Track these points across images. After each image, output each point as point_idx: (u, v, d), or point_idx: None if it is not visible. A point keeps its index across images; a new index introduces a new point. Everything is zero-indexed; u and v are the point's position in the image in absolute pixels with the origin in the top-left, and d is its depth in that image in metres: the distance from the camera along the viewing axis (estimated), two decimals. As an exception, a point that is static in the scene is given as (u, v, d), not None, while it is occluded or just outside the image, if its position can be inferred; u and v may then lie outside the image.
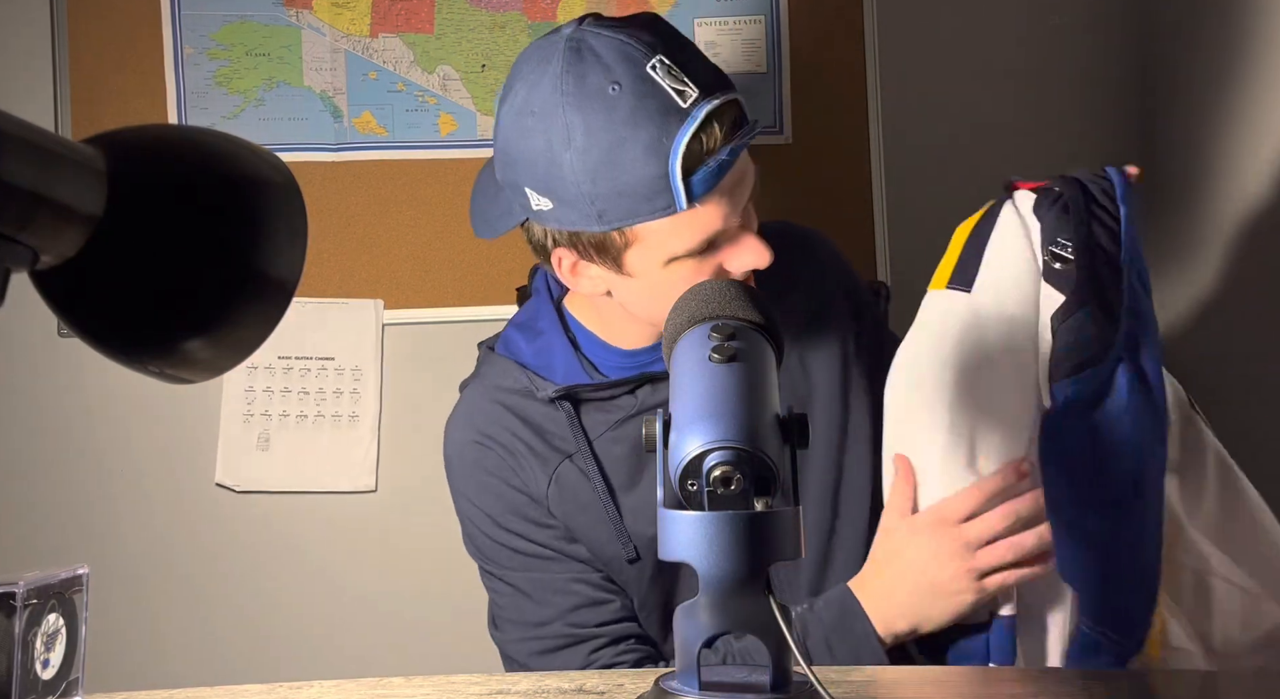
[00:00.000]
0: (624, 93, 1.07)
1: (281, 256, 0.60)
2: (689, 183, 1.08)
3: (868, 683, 1.00)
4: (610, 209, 1.10)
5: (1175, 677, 1.06)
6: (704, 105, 1.08)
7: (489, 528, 1.28)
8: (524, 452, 1.26)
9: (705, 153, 1.08)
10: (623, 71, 1.08)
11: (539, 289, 1.35)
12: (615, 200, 1.09)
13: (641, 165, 1.07)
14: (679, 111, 1.07)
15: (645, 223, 1.10)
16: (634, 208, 1.09)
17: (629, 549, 1.24)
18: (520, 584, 1.27)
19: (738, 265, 1.15)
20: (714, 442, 0.75)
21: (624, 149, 1.07)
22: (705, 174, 1.08)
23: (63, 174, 0.52)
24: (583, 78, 1.09)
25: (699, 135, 1.08)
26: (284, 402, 1.87)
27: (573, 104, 1.08)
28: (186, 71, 1.86)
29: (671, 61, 1.09)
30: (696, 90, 1.08)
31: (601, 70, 1.08)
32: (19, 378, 1.86)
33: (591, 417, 1.26)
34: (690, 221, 1.11)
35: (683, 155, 1.07)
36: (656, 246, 1.12)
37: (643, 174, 1.07)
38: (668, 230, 1.11)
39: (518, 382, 1.28)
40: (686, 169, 1.07)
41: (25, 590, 0.84)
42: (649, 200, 1.09)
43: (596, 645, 1.24)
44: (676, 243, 1.12)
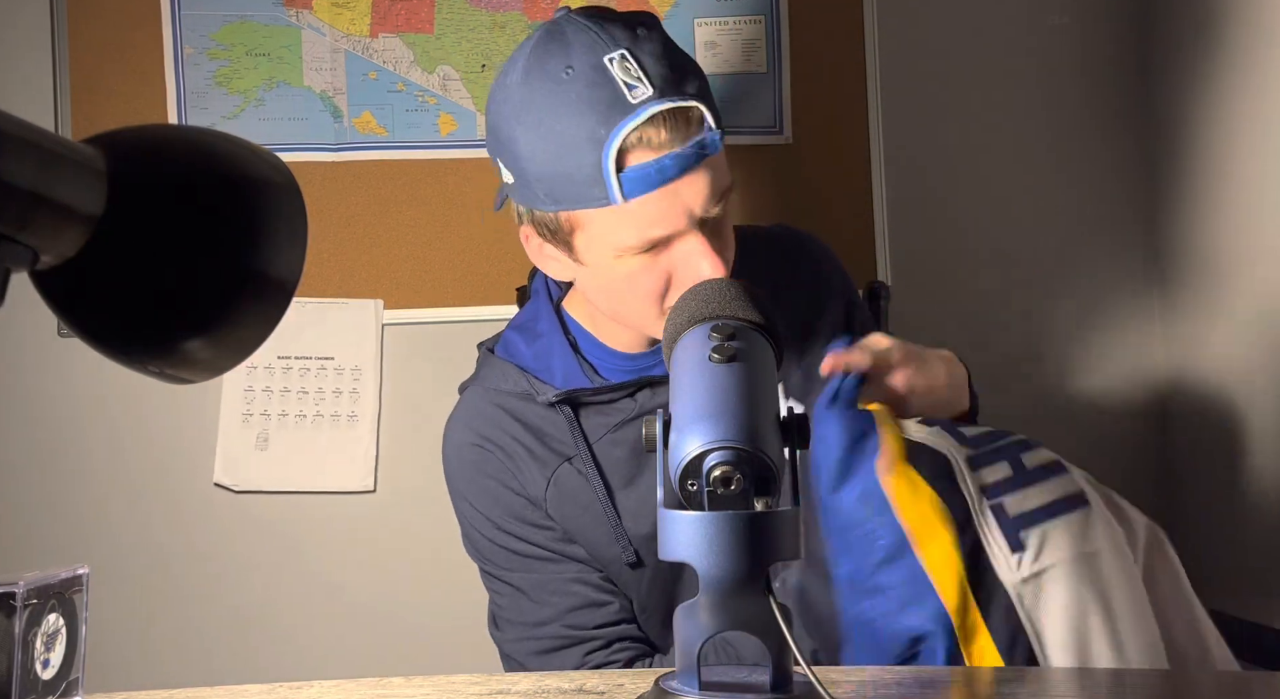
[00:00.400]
0: (574, 79, 1.09)
1: (281, 256, 0.60)
2: (621, 178, 1.08)
3: (868, 683, 1.00)
4: (554, 191, 1.12)
5: (1177, 677, 1.06)
6: (652, 105, 1.08)
7: (488, 529, 1.28)
8: (522, 454, 1.26)
9: (647, 150, 1.08)
10: (580, 59, 1.09)
11: (538, 290, 1.35)
12: (558, 184, 1.11)
13: (580, 153, 1.08)
14: (624, 106, 1.08)
15: (585, 210, 1.12)
16: (574, 193, 1.11)
17: (628, 552, 1.24)
18: (519, 584, 1.27)
19: (686, 275, 1.13)
20: (714, 442, 0.75)
21: (566, 134, 1.09)
22: (640, 172, 1.08)
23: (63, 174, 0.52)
24: (545, 59, 1.11)
25: (641, 133, 1.08)
26: (283, 401, 1.87)
27: (531, 82, 1.11)
28: (186, 71, 1.86)
29: (636, 59, 1.09)
30: (651, 90, 1.08)
31: (562, 54, 1.10)
32: (19, 378, 1.86)
33: (591, 420, 1.26)
34: (627, 218, 1.11)
35: (617, 149, 1.07)
36: (599, 237, 1.13)
37: (581, 162, 1.09)
38: (608, 222, 1.12)
39: (517, 384, 1.28)
40: (621, 164, 1.08)
41: (25, 590, 0.84)
42: (588, 188, 1.10)
43: (593, 647, 1.25)
44: (615, 237, 1.12)
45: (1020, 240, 2.01)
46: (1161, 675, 1.06)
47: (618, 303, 1.20)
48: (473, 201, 1.89)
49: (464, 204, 1.89)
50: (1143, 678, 1.04)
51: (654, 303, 1.16)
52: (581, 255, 1.17)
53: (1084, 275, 2.02)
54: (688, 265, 1.13)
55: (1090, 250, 2.03)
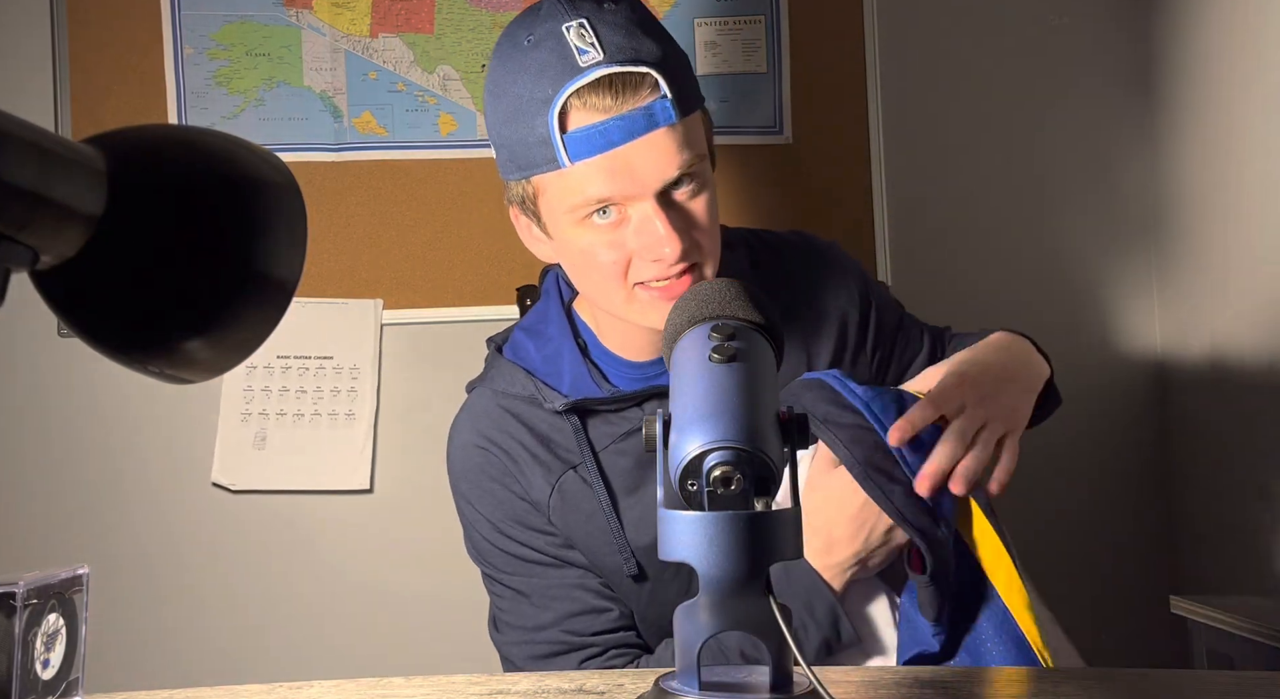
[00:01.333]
0: (533, 46, 1.13)
1: (281, 256, 0.60)
2: (565, 140, 1.11)
3: (868, 683, 1.00)
4: (515, 156, 1.16)
5: (1176, 676, 1.06)
6: (599, 68, 1.10)
7: (489, 533, 1.28)
8: (528, 459, 1.25)
9: (589, 115, 1.10)
10: (541, 27, 1.13)
11: (549, 290, 1.35)
12: (517, 148, 1.15)
13: (532, 115, 1.12)
14: (572, 69, 1.10)
15: (540, 175, 1.15)
16: (530, 157, 1.14)
17: (630, 564, 1.24)
18: (520, 588, 1.27)
19: (642, 244, 1.13)
20: (714, 442, 0.75)
21: (521, 97, 1.12)
22: (583, 134, 1.10)
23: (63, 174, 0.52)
24: (514, 30, 1.16)
25: (584, 97, 1.10)
26: (281, 401, 1.87)
27: (500, 52, 1.17)
28: (186, 71, 1.86)
29: (593, 28, 1.12)
30: (601, 55, 1.10)
31: (528, 25, 1.15)
32: (19, 378, 1.86)
33: (598, 428, 1.26)
34: (574, 180, 1.12)
35: (559, 110, 1.10)
36: (555, 202, 1.16)
37: (533, 124, 1.12)
38: (559, 185, 1.14)
39: (525, 389, 1.27)
40: (564, 125, 1.11)
41: (25, 590, 0.84)
42: (540, 150, 1.12)
43: (589, 654, 1.24)
44: (566, 200, 1.14)
45: (1020, 240, 2.01)
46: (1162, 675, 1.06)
47: (584, 279, 1.21)
48: (473, 201, 1.89)
49: (464, 204, 1.89)
50: (1144, 677, 1.04)
51: (616, 278, 1.16)
52: (547, 225, 1.19)
53: (1084, 275, 2.02)
54: (642, 233, 1.13)
55: (1091, 250, 2.03)
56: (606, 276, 1.16)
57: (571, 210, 1.14)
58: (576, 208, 1.14)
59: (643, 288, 1.16)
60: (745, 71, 1.91)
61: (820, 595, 1.13)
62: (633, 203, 1.13)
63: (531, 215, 1.21)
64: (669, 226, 1.12)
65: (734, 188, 1.90)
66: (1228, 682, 1.08)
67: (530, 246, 1.26)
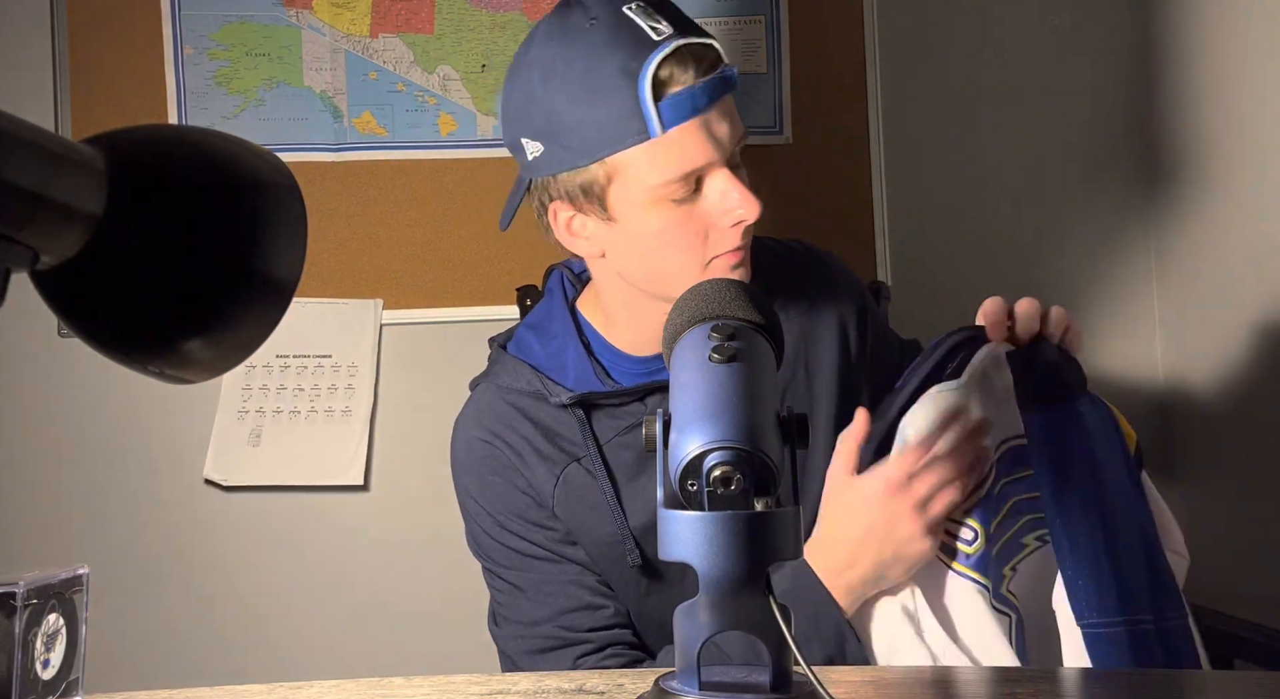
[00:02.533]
0: (600, 25, 1.13)
1: (281, 257, 0.60)
2: (659, 107, 1.11)
3: (868, 683, 1.00)
4: (588, 138, 1.14)
5: (1176, 676, 1.06)
6: (676, 39, 1.12)
7: (490, 527, 1.28)
8: (531, 452, 1.26)
9: (677, 82, 1.12)
10: (600, 10, 1.14)
11: (553, 289, 1.36)
12: (593, 128, 1.13)
13: (615, 90, 1.11)
14: (650, 42, 1.12)
15: (623, 153, 1.13)
16: (610, 135, 1.13)
17: (633, 554, 1.25)
18: (518, 583, 1.28)
19: (723, 212, 1.16)
20: (714, 442, 0.75)
21: (599, 75, 1.12)
22: (677, 100, 1.12)
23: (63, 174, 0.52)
24: (565, 18, 1.16)
25: (669, 64, 1.12)
26: (279, 399, 1.87)
27: (555, 39, 1.15)
28: (186, 71, 1.86)
29: (651, 4, 1.15)
30: (672, 29, 1.13)
31: (582, 10, 1.15)
32: (19, 378, 1.86)
33: (602, 423, 1.27)
34: (666, 150, 1.13)
35: (652, 78, 1.11)
36: (635, 180, 1.14)
37: (617, 99, 1.11)
38: (645, 160, 1.13)
39: (529, 384, 1.28)
40: (657, 94, 1.11)
41: (25, 590, 0.84)
42: (624, 125, 1.12)
43: (585, 650, 1.25)
44: (653, 174, 1.13)
45: (1020, 240, 2.01)
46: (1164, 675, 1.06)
47: (657, 261, 1.19)
48: (473, 202, 1.89)
49: (464, 204, 1.89)
50: (1144, 678, 1.04)
51: (695, 251, 1.17)
52: (616, 210, 1.17)
53: (1084, 275, 2.02)
54: (725, 199, 1.15)
55: (1090, 250, 2.03)
56: (686, 250, 1.17)
57: (659, 186, 1.14)
58: (668, 182, 1.13)
59: (717, 258, 1.18)
60: (745, 71, 1.91)
61: (828, 613, 1.13)
62: (712, 170, 1.15)
63: (594, 204, 1.18)
64: (747, 192, 1.15)
65: (734, 188, 1.90)
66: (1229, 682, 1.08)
67: (568, 244, 1.23)
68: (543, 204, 1.22)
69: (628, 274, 1.22)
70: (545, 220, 1.23)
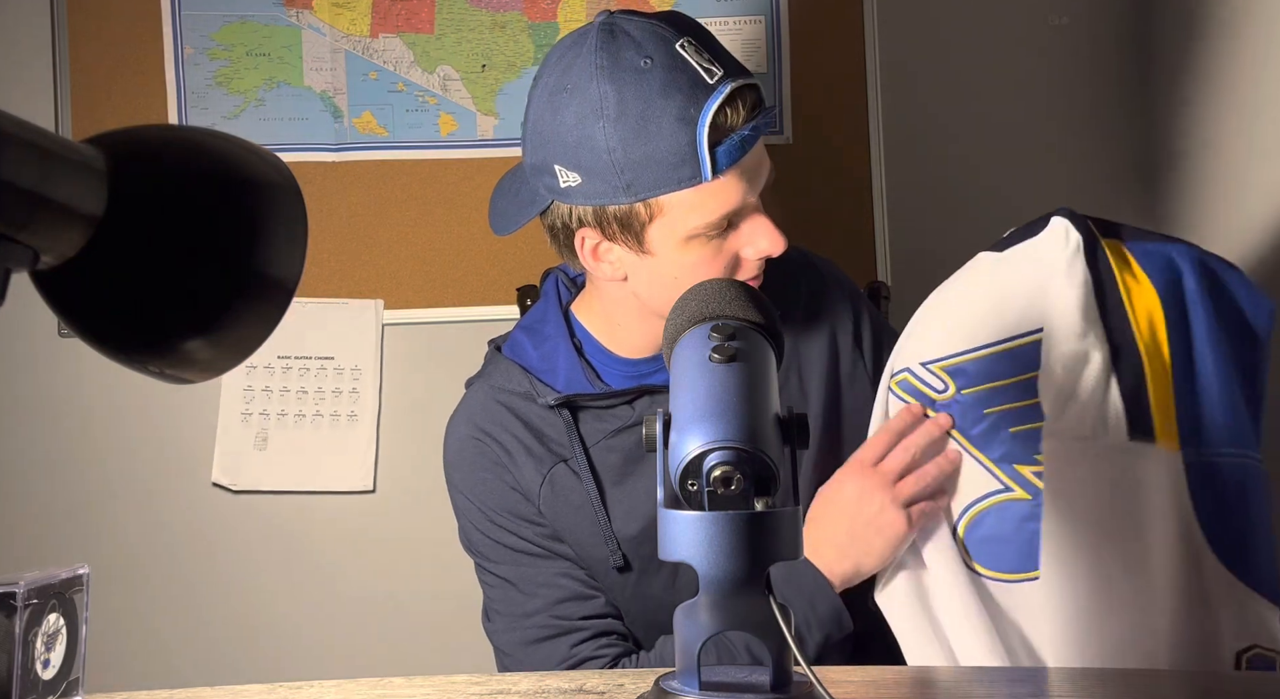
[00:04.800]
0: (656, 67, 1.13)
1: (281, 257, 0.60)
2: (714, 153, 1.13)
3: (868, 683, 1.00)
4: (638, 179, 1.14)
5: (1172, 676, 1.06)
6: (729, 82, 1.14)
7: (480, 522, 1.31)
8: (520, 451, 1.29)
9: (730, 127, 1.14)
10: (654, 48, 1.14)
11: (548, 292, 1.38)
12: (644, 170, 1.14)
13: (670, 134, 1.12)
14: (706, 86, 1.13)
15: (670, 194, 1.15)
16: (661, 177, 1.14)
17: (615, 556, 1.27)
18: (508, 577, 1.30)
19: (753, 249, 1.19)
20: (714, 442, 0.75)
21: (655, 118, 1.12)
22: (730, 146, 1.14)
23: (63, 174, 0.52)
24: (617, 54, 1.15)
25: (724, 109, 1.13)
26: (282, 401, 1.87)
27: (607, 76, 1.14)
28: (186, 71, 1.86)
29: (703, 43, 1.16)
30: (722, 70, 1.15)
31: (634, 47, 1.15)
32: (19, 378, 1.86)
33: (589, 425, 1.28)
34: (713, 194, 1.15)
35: (709, 125, 1.12)
36: (679, 220, 1.16)
37: (671, 143, 1.13)
38: (691, 203, 1.15)
39: (520, 385, 1.30)
40: (713, 140, 1.13)
41: (25, 590, 0.84)
42: (676, 169, 1.13)
43: (580, 638, 1.27)
44: (698, 216, 1.16)
45: (1020, 240, 2.01)
46: (1163, 675, 1.06)
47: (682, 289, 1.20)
48: (473, 202, 1.89)
49: (464, 204, 1.89)
50: (1144, 678, 1.04)
51: None
52: (653, 245, 1.18)
53: (1084, 275, 2.02)
54: (757, 236, 1.19)
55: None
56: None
57: (702, 224, 1.16)
58: (709, 224, 1.16)
59: None
60: (745, 71, 1.91)
61: (824, 595, 1.17)
62: (747, 210, 1.19)
63: (630, 237, 1.19)
64: (775, 229, 1.19)
65: (734, 188, 1.90)
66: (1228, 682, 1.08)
67: (590, 267, 1.24)
68: (567, 227, 1.21)
69: (648, 299, 1.24)
70: (566, 241, 1.23)
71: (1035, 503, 1.15)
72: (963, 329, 1.19)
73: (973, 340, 1.17)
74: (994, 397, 1.16)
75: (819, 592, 1.17)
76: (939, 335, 1.20)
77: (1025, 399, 1.15)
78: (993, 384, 1.16)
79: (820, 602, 1.17)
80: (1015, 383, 1.15)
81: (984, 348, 1.17)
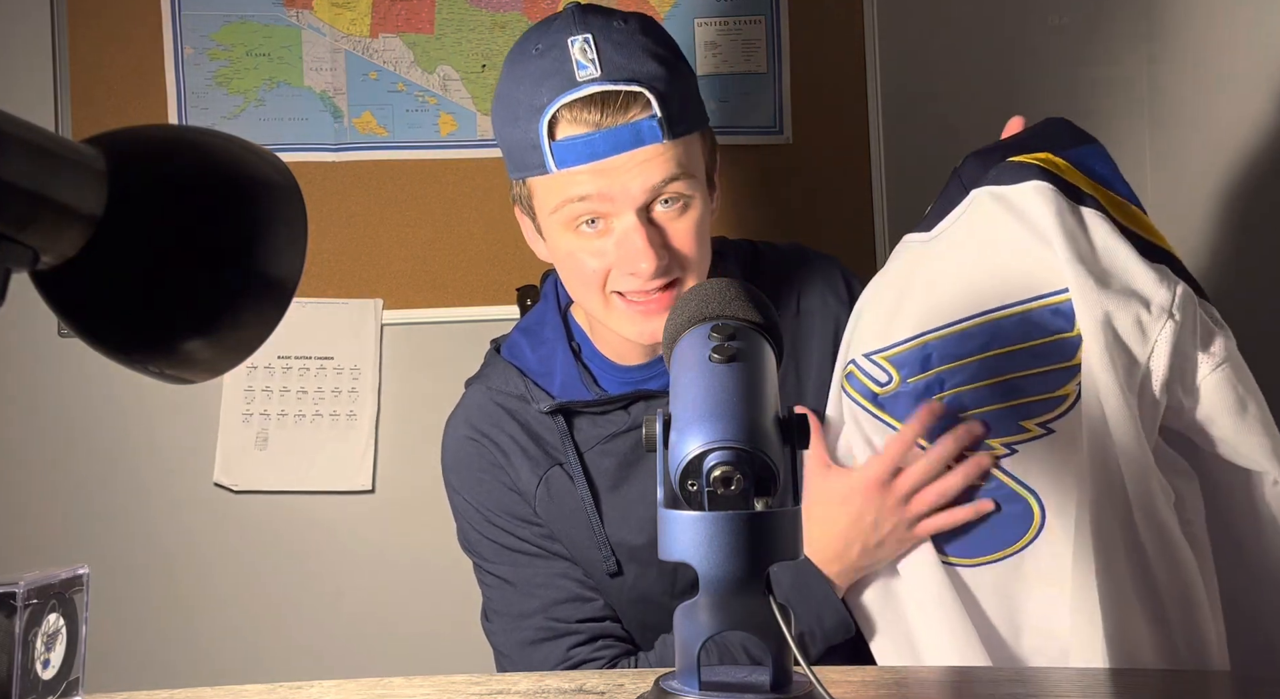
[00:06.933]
0: (539, 55, 1.18)
1: (281, 256, 0.60)
2: (553, 147, 1.16)
3: (868, 683, 1.00)
4: (513, 158, 1.22)
5: (1171, 676, 1.06)
6: (593, 85, 1.15)
7: (478, 522, 1.31)
8: (517, 452, 1.29)
9: (576, 127, 1.15)
10: (549, 40, 1.18)
11: (547, 294, 1.38)
12: (514, 151, 1.21)
13: (527, 121, 1.17)
14: (568, 81, 1.15)
15: (532, 178, 1.20)
16: (524, 160, 1.20)
17: (609, 562, 1.27)
18: (506, 577, 1.30)
19: (621, 257, 1.18)
20: (714, 441, 0.75)
21: (519, 104, 1.18)
22: (568, 144, 1.15)
23: (63, 174, 0.52)
24: (525, 40, 1.22)
25: (574, 108, 1.14)
26: (282, 401, 1.87)
27: (510, 59, 1.23)
28: (186, 71, 1.86)
29: (596, 45, 1.16)
30: (599, 72, 1.15)
31: (540, 35, 1.20)
32: (19, 378, 1.86)
33: (585, 429, 1.29)
34: (558, 185, 1.18)
35: (549, 119, 1.15)
36: (542, 202, 1.21)
37: (527, 129, 1.17)
38: (546, 189, 1.19)
39: (516, 388, 1.31)
40: (553, 134, 1.15)
41: (25, 590, 0.84)
42: (532, 154, 1.18)
43: (576, 641, 1.27)
44: (549, 203, 1.19)
45: (1020, 240, 2.01)
46: (1164, 676, 1.06)
47: (568, 281, 1.26)
48: (473, 201, 1.89)
49: (464, 204, 1.89)
50: (1143, 678, 1.04)
51: (596, 285, 1.20)
52: (540, 223, 1.24)
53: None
54: (622, 246, 1.17)
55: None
56: (587, 282, 1.21)
57: (557, 210, 1.19)
58: (560, 211, 1.18)
59: (620, 298, 1.21)
60: (745, 71, 1.91)
61: (831, 606, 1.17)
62: (615, 216, 1.17)
63: (528, 215, 1.26)
64: (646, 242, 1.16)
65: (734, 188, 1.90)
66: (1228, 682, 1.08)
67: (531, 244, 1.31)
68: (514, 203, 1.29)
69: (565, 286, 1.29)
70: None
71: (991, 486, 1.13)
72: (904, 316, 1.15)
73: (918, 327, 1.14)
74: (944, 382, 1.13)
75: (827, 604, 1.16)
76: (879, 325, 1.17)
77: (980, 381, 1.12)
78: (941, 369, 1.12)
79: (827, 615, 1.17)
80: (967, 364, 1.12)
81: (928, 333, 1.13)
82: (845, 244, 1.48)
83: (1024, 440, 1.12)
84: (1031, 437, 1.11)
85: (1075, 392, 1.09)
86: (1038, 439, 1.11)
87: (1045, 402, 1.11)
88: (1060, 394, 1.10)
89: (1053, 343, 1.10)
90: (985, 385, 1.12)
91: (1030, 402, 1.11)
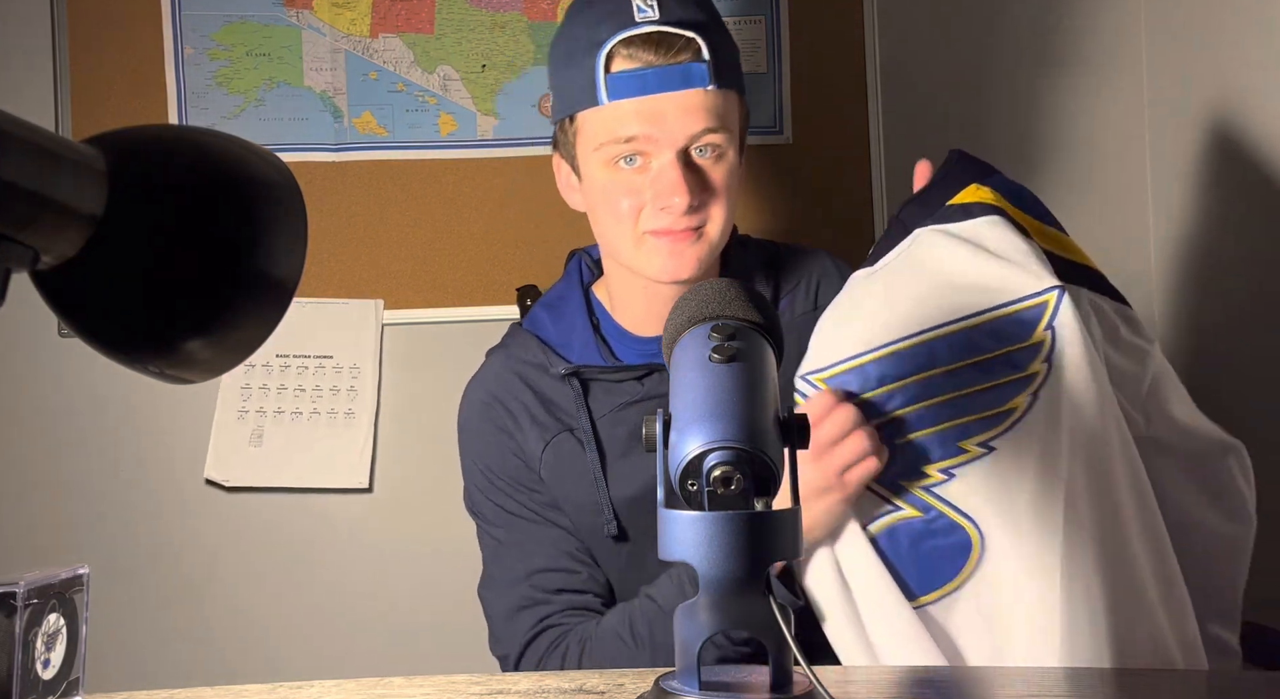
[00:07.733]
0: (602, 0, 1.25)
1: (281, 256, 0.60)
2: (608, 80, 1.22)
3: (868, 683, 1.00)
4: (564, 95, 1.28)
5: (1170, 676, 1.06)
6: (650, 25, 1.22)
7: (482, 483, 1.37)
8: (527, 418, 1.34)
9: (631, 62, 1.22)
10: None
11: (570, 271, 1.44)
12: (566, 87, 1.27)
13: (584, 56, 1.23)
14: (627, 20, 1.22)
15: (581, 112, 1.25)
16: (576, 96, 1.25)
17: (611, 525, 1.31)
18: (503, 539, 1.35)
19: (654, 193, 1.23)
20: (714, 442, 0.75)
21: (578, 41, 1.25)
22: (622, 77, 1.22)
23: (63, 174, 0.52)
24: None
25: (632, 45, 1.21)
26: (280, 399, 1.87)
27: (570, 8, 1.30)
28: (186, 71, 1.86)
29: None
30: (657, 14, 1.22)
31: None
32: (19, 378, 1.86)
33: (599, 397, 1.33)
34: (608, 116, 1.23)
35: (607, 53, 1.22)
36: (589, 138, 1.26)
37: (584, 64, 1.23)
38: (594, 122, 1.25)
39: (535, 356, 1.36)
40: (609, 68, 1.22)
41: (25, 590, 0.84)
42: (585, 91, 1.23)
43: (546, 612, 1.30)
44: (596, 136, 1.25)
45: (1020, 240, 2.01)
46: (1162, 675, 1.06)
47: (601, 220, 1.30)
48: (473, 202, 1.89)
49: (464, 204, 1.89)
50: (1143, 677, 1.04)
51: (629, 222, 1.25)
52: (580, 163, 1.29)
53: (1084, 275, 2.02)
54: (658, 181, 1.23)
55: (1090, 251, 2.02)
56: (620, 219, 1.26)
57: (600, 148, 1.24)
58: (605, 145, 1.23)
59: (651, 235, 1.26)
60: (745, 71, 1.90)
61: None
62: (656, 153, 1.23)
63: (569, 157, 1.31)
64: (681, 177, 1.22)
65: (734, 188, 1.90)
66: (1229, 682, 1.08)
67: (565, 195, 1.35)
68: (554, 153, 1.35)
69: (595, 232, 1.34)
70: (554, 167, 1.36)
71: (929, 518, 1.11)
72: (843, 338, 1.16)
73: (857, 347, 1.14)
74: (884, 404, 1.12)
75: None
76: (820, 347, 1.18)
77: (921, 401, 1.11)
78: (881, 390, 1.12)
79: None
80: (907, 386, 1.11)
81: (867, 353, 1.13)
82: (845, 244, 1.48)
83: (962, 462, 1.11)
84: (971, 457, 1.11)
85: (1025, 403, 1.09)
86: (977, 460, 1.10)
87: (988, 418, 1.10)
88: (1007, 408, 1.10)
89: (1005, 355, 1.10)
90: (926, 406, 1.11)
91: (971, 421, 1.10)
